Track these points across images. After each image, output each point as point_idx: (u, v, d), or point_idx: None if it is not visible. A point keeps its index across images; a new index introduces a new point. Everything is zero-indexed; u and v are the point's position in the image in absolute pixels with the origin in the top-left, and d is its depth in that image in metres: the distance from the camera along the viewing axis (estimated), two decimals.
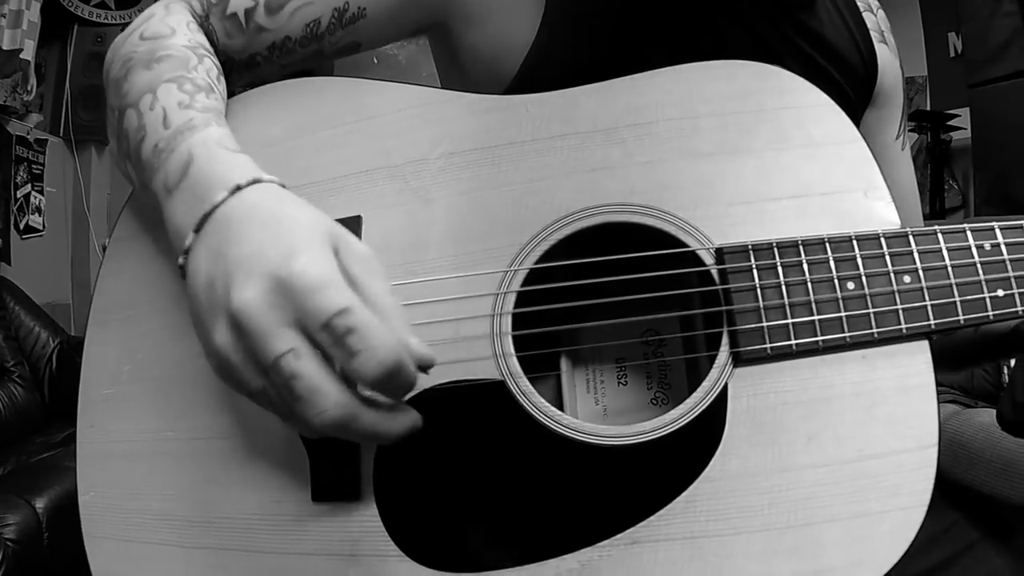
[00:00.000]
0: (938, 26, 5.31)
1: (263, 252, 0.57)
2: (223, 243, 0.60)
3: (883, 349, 0.71)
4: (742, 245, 0.72)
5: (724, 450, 0.69)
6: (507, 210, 0.74)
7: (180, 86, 0.73)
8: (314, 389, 0.56)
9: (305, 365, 0.55)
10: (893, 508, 0.68)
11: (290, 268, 0.56)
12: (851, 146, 0.74)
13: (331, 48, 0.84)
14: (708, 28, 0.85)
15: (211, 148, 0.68)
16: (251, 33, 0.82)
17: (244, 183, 0.64)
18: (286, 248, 0.57)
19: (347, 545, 0.70)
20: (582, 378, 0.80)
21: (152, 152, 0.70)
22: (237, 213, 0.62)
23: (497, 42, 0.83)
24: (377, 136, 0.76)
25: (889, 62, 0.99)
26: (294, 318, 0.56)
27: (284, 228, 0.59)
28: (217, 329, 0.58)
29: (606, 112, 0.75)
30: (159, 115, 0.71)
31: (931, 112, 5.21)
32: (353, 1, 0.82)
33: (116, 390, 0.75)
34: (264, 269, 0.56)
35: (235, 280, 0.57)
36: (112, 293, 0.77)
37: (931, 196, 4.97)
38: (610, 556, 0.68)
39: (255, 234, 0.59)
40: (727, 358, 0.70)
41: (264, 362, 0.56)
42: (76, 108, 4.51)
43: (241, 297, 0.56)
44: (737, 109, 0.75)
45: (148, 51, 0.76)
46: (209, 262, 0.61)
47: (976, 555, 0.91)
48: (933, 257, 0.72)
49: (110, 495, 0.74)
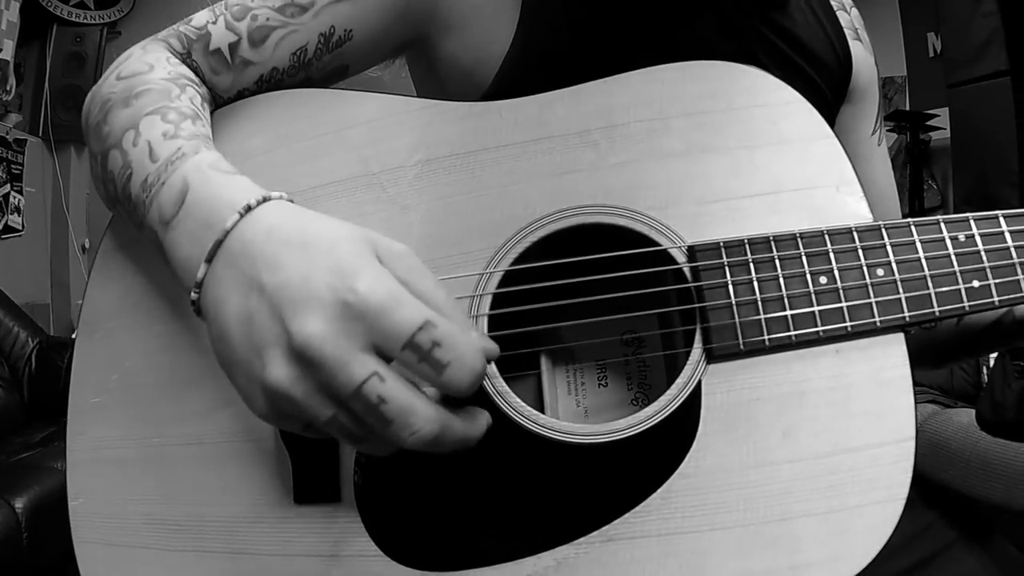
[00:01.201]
0: (917, 26, 5.30)
1: (313, 277, 0.54)
2: (252, 271, 0.57)
3: (857, 343, 0.71)
4: (714, 243, 0.72)
5: (699, 446, 0.69)
6: (482, 214, 0.75)
7: (164, 116, 0.71)
8: (406, 410, 0.54)
9: (391, 387, 0.53)
10: (870, 502, 0.68)
11: (355, 291, 0.53)
12: (822, 142, 0.75)
13: (319, 74, 0.84)
14: (683, 29, 0.85)
15: (206, 173, 0.65)
16: (237, 68, 0.81)
17: (254, 203, 0.61)
18: (338, 268, 0.54)
19: (328, 546, 0.71)
20: (563, 380, 0.81)
21: (141, 187, 0.68)
22: (256, 236, 0.59)
23: (475, 51, 0.84)
24: (355, 145, 0.78)
25: (864, 59, 0.99)
26: (369, 341, 0.53)
27: (322, 248, 0.56)
28: (271, 364, 0.54)
29: (578, 115, 0.76)
30: (144, 150, 0.69)
31: (910, 112, 5.21)
32: (339, 24, 0.82)
33: (104, 398, 0.76)
34: (324, 296, 0.53)
35: (290, 311, 0.54)
36: (100, 304, 0.79)
37: (910, 196, 4.95)
38: (586, 554, 0.69)
39: (291, 258, 0.56)
40: (700, 355, 0.71)
41: (343, 392, 0.53)
42: (55, 108, 4.57)
43: (306, 329, 0.53)
44: (708, 108, 0.76)
45: (126, 88, 0.75)
46: (239, 294, 0.57)
47: (953, 555, 0.90)
48: (906, 249, 0.72)
49: (99, 500, 0.75)
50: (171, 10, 4.78)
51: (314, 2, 0.81)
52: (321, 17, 0.81)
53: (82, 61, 4.63)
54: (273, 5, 0.81)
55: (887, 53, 5.31)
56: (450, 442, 0.57)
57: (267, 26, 0.80)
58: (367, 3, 0.82)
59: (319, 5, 0.81)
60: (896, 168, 5.23)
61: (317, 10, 0.81)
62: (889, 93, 5.53)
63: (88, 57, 4.64)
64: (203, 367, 0.75)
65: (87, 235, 4.92)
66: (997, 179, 3.35)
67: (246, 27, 0.80)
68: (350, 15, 0.82)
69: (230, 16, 0.80)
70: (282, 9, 0.80)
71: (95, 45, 4.68)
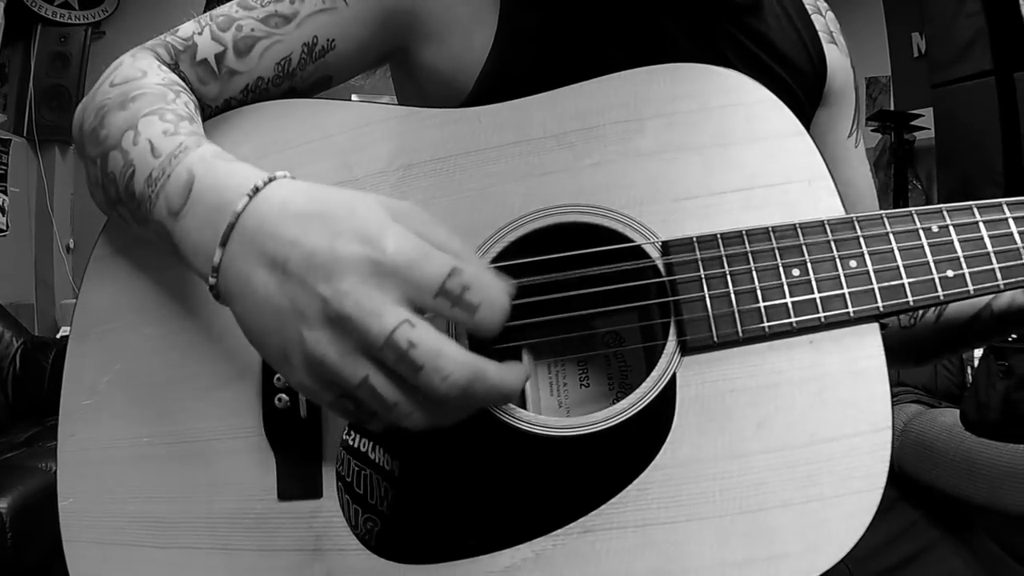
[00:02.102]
0: (901, 26, 5.30)
1: (338, 243, 0.56)
2: (272, 245, 0.58)
3: (831, 333, 0.71)
4: (687, 238, 0.73)
5: (674, 438, 0.70)
6: (462, 216, 0.77)
7: (162, 116, 0.73)
8: (436, 352, 0.54)
9: (421, 332, 0.54)
10: (847, 492, 0.68)
11: (383, 248, 0.55)
12: (794, 139, 0.76)
13: (303, 84, 0.86)
14: (658, 35, 0.87)
15: (210, 162, 0.67)
16: (224, 78, 0.83)
17: (261, 184, 0.62)
18: (362, 231, 0.56)
19: (311, 540, 0.72)
20: (545, 379, 0.82)
21: (146, 183, 0.69)
22: (271, 213, 0.60)
23: (455, 59, 0.86)
24: (339, 152, 0.80)
25: (839, 62, 1.00)
26: (403, 295, 0.55)
27: (340, 214, 0.58)
28: (307, 331, 0.56)
29: (555, 118, 0.78)
30: (145, 147, 0.70)
31: (895, 112, 5.21)
32: (322, 34, 0.84)
33: (95, 400, 0.78)
34: (355, 258, 0.55)
35: (322, 276, 0.55)
36: (93, 308, 0.80)
37: (895, 196, 4.92)
38: (564, 545, 0.70)
39: (312, 228, 0.58)
40: (675, 347, 0.72)
41: (376, 343, 0.54)
42: (40, 108, 4.61)
43: (342, 288, 0.54)
44: (682, 108, 0.77)
45: (121, 93, 0.76)
46: (265, 269, 0.58)
47: (936, 554, 0.89)
48: (879, 241, 0.73)
49: (88, 500, 0.77)
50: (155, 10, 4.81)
51: (297, 13, 0.83)
52: (304, 28, 0.83)
53: (67, 61, 4.68)
54: (257, 16, 0.83)
55: (871, 53, 5.33)
56: (483, 391, 0.57)
57: (252, 36, 0.82)
58: (348, 14, 0.84)
59: (302, 16, 0.83)
60: (880, 168, 5.22)
61: (300, 21, 0.83)
62: (873, 93, 5.53)
63: (73, 57, 4.69)
64: (192, 368, 0.76)
65: (72, 235, 4.95)
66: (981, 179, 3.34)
67: (231, 38, 0.82)
68: (332, 26, 0.84)
69: (215, 27, 0.83)
70: (266, 20, 0.83)
71: (79, 45, 4.73)
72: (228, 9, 0.84)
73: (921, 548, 0.89)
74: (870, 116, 5.16)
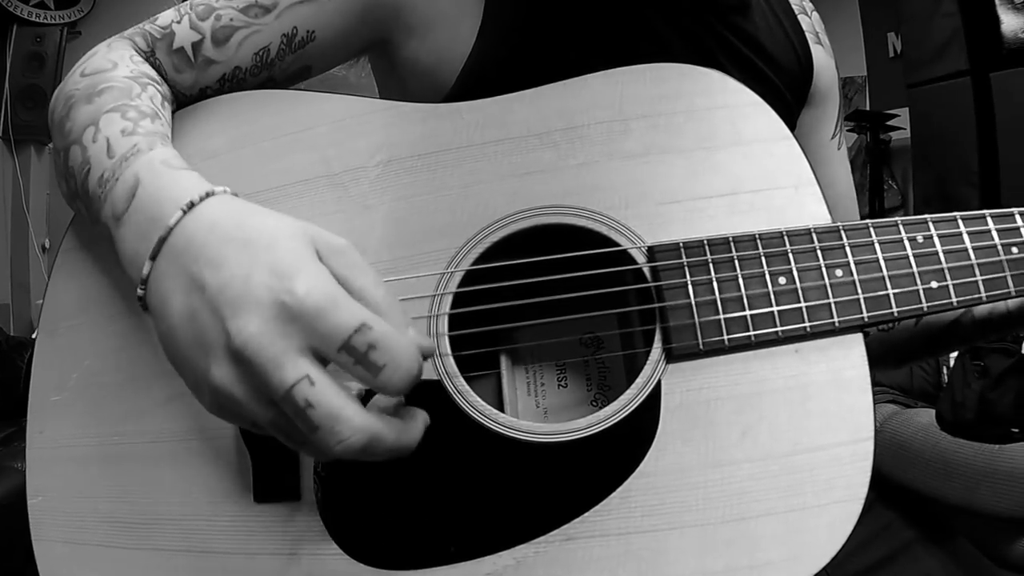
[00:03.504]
0: (877, 26, 5.35)
1: (252, 276, 0.54)
2: (194, 268, 0.57)
3: (816, 343, 0.71)
4: (673, 243, 0.73)
5: (658, 446, 0.70)
6: (443, 215, 0.75)
7: (123, 114, 0.72)
8: (333, 416, 0.52)
9: (320, 392, 0.52)
10: (829, 502, 0.68)
11: (293, 292, 0.53)
12: (781, 143, 0.75)
13: (282, 75, 0.85)
14: (646, 32, 0.86)
15: (156, 169, 0.65)
16: (200, 67, 0.81)
17: (197, 199, 0.61)
18: (277, 267, 0.54)
19: (288, 544, 0.71)
20: (523, 380, 0.81)
21: (98, 183, 0.68)
22: (198, 232, 0.59)
23: (437, 53, 0.84)
24: (317, 146, 0.78)
25: (825, 63, 1.00)
26: (305, 344, 0.53)
27: (262, 244, 0.56)
28: (214, 365, 0.54)
29: (539, 117, 0.77)
30: (102, 146, 0.70)
31: (870, 112, 5.26)
32: (302, 25, 0.82)
33: (64, 396, 0.76)
34: (261, 295, 0.53)
35: (228, 311, 0.54)
36: (61, 303, 0.78)
37: (870, 196, 4.98)
38: (545, 552, 0.69)
39: (230, 254, 0.56)
40: (660, 355, 0.71)
41: (275, 394, 0.53)
42: (15, 108, 4.53)
43: (244, 330, 0.52)
44: (667, 110, 0.76)
45: (89, 85, 0.76)
46: (183, 292, 0.57)
47: (911, 555, 0.90)
48: (865, 250, 0.73)
49: (57, 498, 0.75)
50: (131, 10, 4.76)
51: (277, 3, 0.81)
52: (284, 18, 0.81)
53: (42, 61, 4.59)
54: (237, 6, 0.81)
55: (847, 53, 5.36)
56: (381, 452, 0.55)
57: (230, 26, 0.81)
58: (330, 6, 0.82)
59: (282, 6, 0.81)
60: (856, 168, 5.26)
61: (280, 11, 0.81)
62: (849, 93, 5.57)
63: (48, 57, 4.60)
64: (161, 364, 0.74)
65: (47, 235, 4.87)
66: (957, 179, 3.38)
67: (210, 26, 0.81)
68: (312, 17, 0.82)
69: (194, 16, 0.81)
70: (246, 10, 0.81)
71: (55, 45, 4.64)
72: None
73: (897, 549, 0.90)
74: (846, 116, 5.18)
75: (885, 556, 0.88)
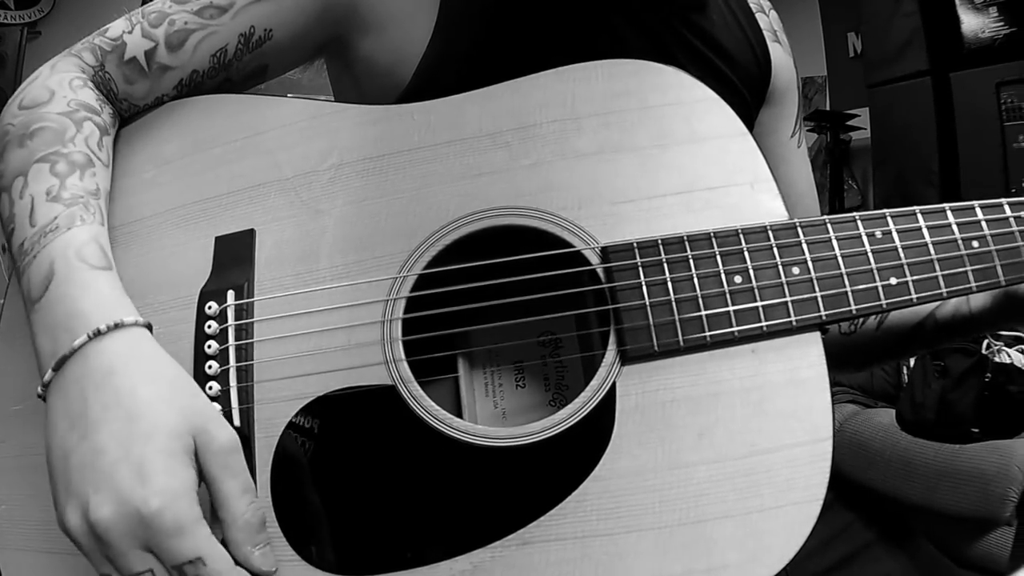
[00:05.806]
0: (838, 26, 5.37)
1: (119, 466, 0.59)
2: (80, 410, 0.61)
3: (773, 342, 0.70)
4: (627, 243, 0.72)
5: (613, 449, 0.69)
6: (395, 218, 0.74)
7: (52, 167, 0.72)
8: None
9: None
10: (787, 503, 0.68)
11: (147, 504, 0.58)
12: (736, 139, 0.74)
13: (239, 75, 0.84)
14: (603, 29, 0.85)
15: (72, 263, 0.67)
16: (155, 75, 0.80)
17: (104, 328, 0.63)
18: (144, 469, 0.58)
19: None
20: (480, 381, 0.80)
21: (19, 251, 0.70)
22: (96, 371, 0.62)
23: (392, 52, 0.84)
24: (268, 150, 0.77)
25: (783, 61, 0.99)
26: (146, 546, 0.58)
27: (141, 431, 0.60)
28: (70, 513, 0.60)
29: (490, 117, 0.76)
30: (27, 206, 0.70)
31: (831, 112, 5.27)
32: (259, 23, 0.82)
33: (27, 404, 0.75)
34: (122, 489, 0.58)
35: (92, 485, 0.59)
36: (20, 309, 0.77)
37: (831, 196, 5.00)
38: (502, 557, 0.68)
39: (112, 423, 0.60)
40: (615, 357, 0.70)
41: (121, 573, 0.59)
42: None
43: (100, 510, 0.58)
44: (620, 107, 0.75)
45: (23, 124, 0.75)
46: (65, 426, 0.62)
47: (871, 555, 0.89)
48: (822, 247, 0.72)
49: (23, 507, 0.74)
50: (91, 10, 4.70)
51: (233, 3, 0.81)
52: (240, 18, 0.81)
53: (2, 61, 4.59)
54: (191, 9, 0.80)
55: (807, 53, 5.37)
56: None
57: (185, 30, 0.80)
58: (287, 3, 0.82)
59: (238, 6, 0.81)
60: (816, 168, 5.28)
61: (236, 11, 0.81)
62: (809, 93, 5.59)
63: (8, 57, 4.60)
64: None
65: None
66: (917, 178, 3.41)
67: (163, 32, 0.80)
68: (269, 15, 0.81)
69: (147, 24, 0.80)
70: (200, 12, 0.80)
71: (15, 45, 4.64)
72: (160, 5, 0.81)
73: (857, 549, 0.89)
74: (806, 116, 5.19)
75: (845, 556, 0.87)
